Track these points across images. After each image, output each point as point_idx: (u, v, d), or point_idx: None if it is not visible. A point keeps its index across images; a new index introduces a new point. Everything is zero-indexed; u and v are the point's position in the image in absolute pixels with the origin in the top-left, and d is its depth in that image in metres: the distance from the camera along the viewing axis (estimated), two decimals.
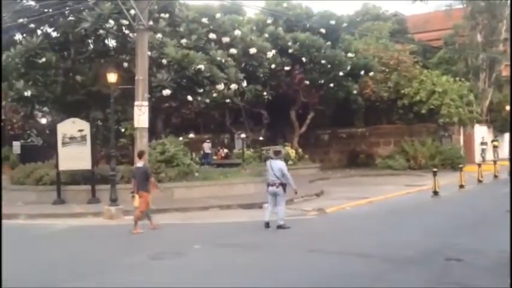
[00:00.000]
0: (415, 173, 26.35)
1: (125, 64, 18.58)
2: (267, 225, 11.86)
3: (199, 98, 20.69)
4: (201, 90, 19.34)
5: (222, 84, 19.32)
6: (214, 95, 22.33)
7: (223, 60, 19.34)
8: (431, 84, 29.41)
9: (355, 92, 29.34)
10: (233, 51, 20.72)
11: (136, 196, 12.09)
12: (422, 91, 29.31)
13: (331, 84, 28.08)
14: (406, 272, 7.93)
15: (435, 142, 29.47)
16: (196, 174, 19.14)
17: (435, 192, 17.02)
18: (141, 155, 12.86)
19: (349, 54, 28.19)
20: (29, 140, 30.82)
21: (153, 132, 18.25)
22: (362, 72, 29.02)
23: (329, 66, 27.44)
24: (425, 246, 9.56)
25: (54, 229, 13.07)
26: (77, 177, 17.64)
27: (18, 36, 18.69)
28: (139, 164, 12.59)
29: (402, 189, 19.96)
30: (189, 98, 19.14)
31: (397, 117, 31.57)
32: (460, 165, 20.50)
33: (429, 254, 8.87)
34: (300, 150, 29.86)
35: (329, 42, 27.90)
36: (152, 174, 12.78)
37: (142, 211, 12.03)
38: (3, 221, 14.45)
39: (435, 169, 17.99)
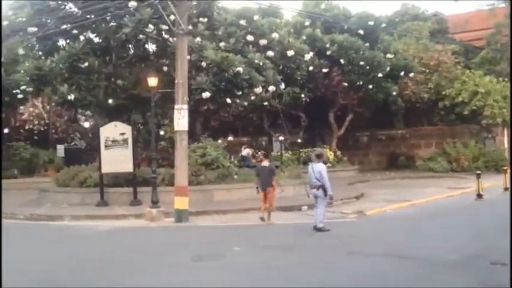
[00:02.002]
0: (457, 176, 25.80)
1: (165, 68, 18.84)
2: (315, 227, 11.83)
3: (237, 101, 20.79)
4: (240, 93, 19.42)
5: (260, 87, 19.35)
6: (253, 97, 22.39)
7: (261, 63, 19.37)
8: (473, 84, 28.78)
9: (394, 93, 28.99)
10: (270, 53, 20.72)
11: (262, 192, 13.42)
12: (464, 92, 28.71)
13: (370, 86, 27.83)
14: (450, 275, 7.77)
15: (478, 144, 28.80)
16: (236, 176, 19.24)
17: (479, 195, 16.64)
18: (266, 156, 14.78)
19: (388, 55, 27.87)
20: (73, 143, 31.62)
21: (191, 135, 18.44)
22: (402, 73, 28.62)
23: (368, 67, 27.22)
24: (469, 249, 9.36)
25: (97, 230, 13.36)
26: (119, 180, 17.95)
27: (61, 42, 19.17)
28: (264, 163, 13.93)
29: (444, 191, 19.55)
30: (228, 100, 19.26)
31: (438, 119, 31.01)
32: (504, 167, 19.96)
33: (473, 258, 8.68)
34: (338, 152, 29.68)
35: (367, 44, 27.67)
36: (276, 172, 14.14)
37: (272, 204, 13.42)
38: (50, 223, 15.00)
39: (478, 171, 17.58)
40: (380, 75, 27.29)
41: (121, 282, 7.93)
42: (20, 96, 19.92)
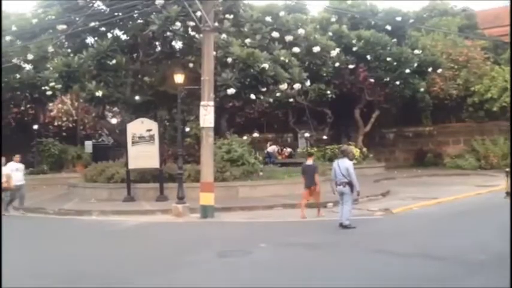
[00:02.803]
0: (486, 173, 25.36)
1: (191, 65, 18.93)
2: (341, 225, 11.78)
3: (262, 97, 20.78)
4: (265, 89, 19.41)
5: (286, 84, 19.30)
6: (278, 94, 22.35)
7: (286, 60, 19.31)
8: (503, 80, 28.17)
9: (422, 89, 28.64)
10: (296, 50, 20.65)
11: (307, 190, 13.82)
12: (493, 88, 28.15)
13: (397, 82, 27.53)
14: (477, 275, 7.64)
15: (507, 141, 28.18)
16: (261, 173, 19.27)
17: (508, 193, 16.31)
18: (310, 154, 15.43)
19: (416, 51, 27.51)
20: (100, 139, 32.02)
21: (217, 131, 18.53)
22: (430, 69, 28.23)
23: (395, 63, 26.94)
24: (497, 248, 9.18)
25: (125, 225, 13.54)
26: (145, 176, 18.16)
27: (90, 40, 19.43)
28: (308, 162, 14.27)
29: (473, 189, 19.22)
30: (253, 96, 19.26)
31: (466, 115, 30.52)
32: None
33: (502, 257, 8.50)
34: (364, 149, 29.46)
35: (395, 39, 27.42)
36: (318, 170, 14.36)
37: (319, 200, 14.16)
38: (77, 217, 15.24)
39: (508, 169, 17.24)
40: (407, 71, 26.99)
41: (148, 278, 8.02)
42: (49, 93, 20.24)
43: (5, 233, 10.89)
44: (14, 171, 16.45)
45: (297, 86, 20.58)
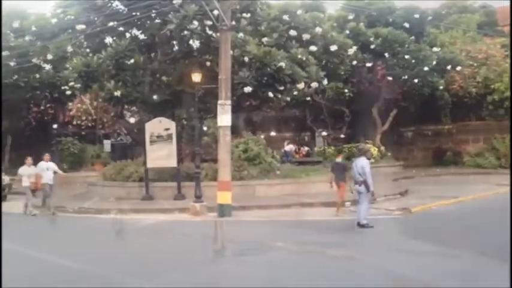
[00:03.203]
0: (506, 172, 24.92)
1: (208, 64, 18.96)
2: (358, 224, 11.73)
3: (279, 96, 20.75)
4: (282, 88, 19.37)
5: (303, 83, 19.23)
6: (295, 93, 22.28)
7: (304, 58, 19.24)
8: None
9: (441, 87, 28.33)
10: (313, 48, 20.54)
11: (335, 185, 14.21)
12: None
13: (416, 80, 27.26)
14: (497, 273, 7.56)
15: None
16: (278, 172, 19.25)
17: None
18: (340, 152, 15.78)
19: (435, 49, 27.24)
20: (119, 138, 32.26)
21: (234, 130, 18.51)
22: (448, 67, 27.92)
23: (413, 61, 26.70)
24: None
25: (143, 224, 13.65)
26: (163, 175, 18.26)
27: (108, 39, 19.55)
28: (338, 159, 15.08)
29: (493, 188, 19.01)
30: (270, 94, 19.23)
31: (486, 113, 30.06)
32: None
33: None
34: (382, 148, 29.25)
35: (413, 37, 27.15)
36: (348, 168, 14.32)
37: (343, 198, 14.35)
38: (96, 216, 15.37)
39: None
40: (426, 69, 26.71)
41: (165, 276, 8.07)
42: (68, 92, 20.44)
43: (32, 232, 11.03)
44: (45, 171, 16.71)
45: (314, 84, 20.48)
